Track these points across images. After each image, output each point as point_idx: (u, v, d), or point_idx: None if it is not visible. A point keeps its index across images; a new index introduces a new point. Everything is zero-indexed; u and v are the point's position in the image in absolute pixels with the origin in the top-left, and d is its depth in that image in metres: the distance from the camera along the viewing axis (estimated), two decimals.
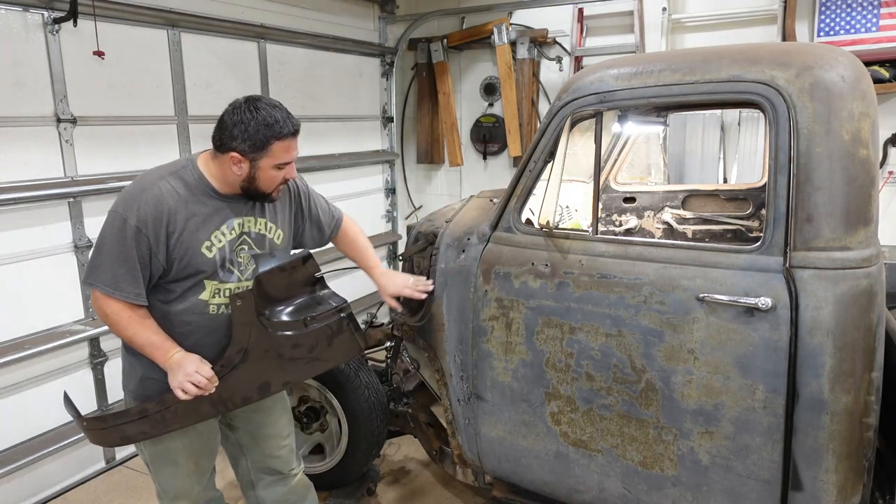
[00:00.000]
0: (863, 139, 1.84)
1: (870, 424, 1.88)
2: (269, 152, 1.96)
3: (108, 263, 1.92)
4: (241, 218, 2.08)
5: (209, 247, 2.00)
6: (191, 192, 1.99)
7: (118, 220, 1.91)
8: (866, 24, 4.05)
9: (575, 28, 4.94)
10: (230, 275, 2.06)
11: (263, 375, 2.10)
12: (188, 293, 2.02)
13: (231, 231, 2.05)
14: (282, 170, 2.02)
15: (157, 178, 1.98)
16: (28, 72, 3.04)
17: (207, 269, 2.01)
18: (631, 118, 3.00)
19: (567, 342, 2.26)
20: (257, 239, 2.13)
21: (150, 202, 1.92)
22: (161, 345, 1.97)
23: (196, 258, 1.98)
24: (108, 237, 1.93)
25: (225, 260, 2.04)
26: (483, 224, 2.52)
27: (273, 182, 2.03)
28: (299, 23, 4.65)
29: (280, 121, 1.95)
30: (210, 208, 2.02)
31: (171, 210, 1.94)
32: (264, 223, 2.15)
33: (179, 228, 1.95)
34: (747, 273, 1.95)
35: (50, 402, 3.23)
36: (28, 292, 3.12)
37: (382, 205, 5.91)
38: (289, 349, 2.10)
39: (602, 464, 2.29)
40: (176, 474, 2.21)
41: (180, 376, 1.93)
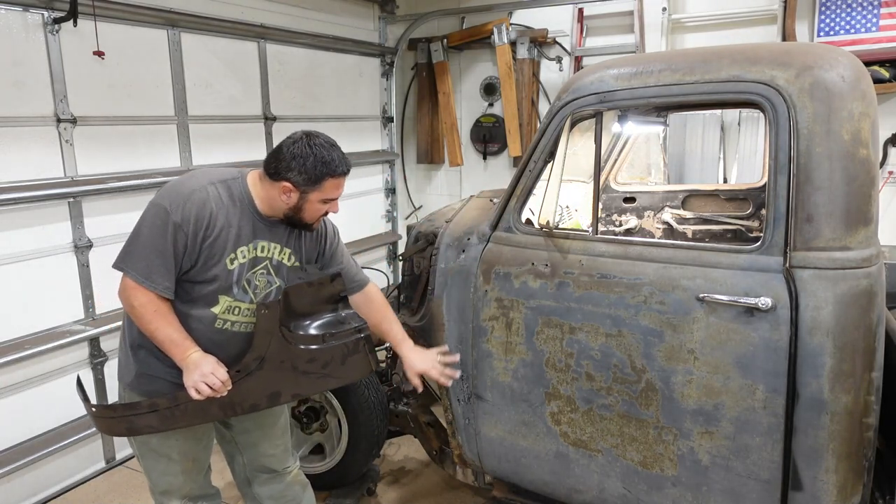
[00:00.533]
0: (863, 139, 1.84)
1: (870, 424, 1.88)
2: (321, 188, 2.03)
3: (144, 252, 1.94)
4: (270, 242, 2.13)
5: (232, 259, 2.05)
6: (234, 203, 2.05)
7: (162, 213, 1.94)
8: (866, 24, 4.05)
9: (575, 28, 4.94)
10: (244, 294, 2.09)
11: (275, 385, 2.13)
12: (202, 301, 2.05)
13: (255, 250, 2.09)
14: (327, 204, 2.09)
15: (207, 182, 2.03)
16: (28, 72, 3.04)
17: (223, 279, 2.04)
18: (631, 118, 3.00)
19: (567, 342, 2.26)
20: (278, 267, 2.16)
21: (196, 203, 1.97)
22: (181, 343, 1.99)
23: (217, 266, 2.02)
24: (149, 227, 1.96)
25: (241, 277, 2.07)
26: (483, 224, 2.52)
27: (317, 214, 2.10)
28: (299, 23, 4.66)
29: (336, 160, 2.02)
30: (246, 224, 2.07)
31: (213, 215, 1.99)
32: (288, 254, 2.18)
33: (214, 234, 2.00)
34: (747, 273, 1.95)
35: (50, 402, 3.24)
36: (28, 292, 3.12)
37: (382, 205, 5.91)
38: (304, 363, 2.13)
39: (602, 464, 2.28)
40: (168, 470, 2.21)
41: (196, 376, 1.95)
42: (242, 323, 2.12)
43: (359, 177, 5.51)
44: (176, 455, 2.20)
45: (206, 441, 2.29)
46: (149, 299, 1.96)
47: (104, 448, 3.51)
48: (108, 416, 2.18)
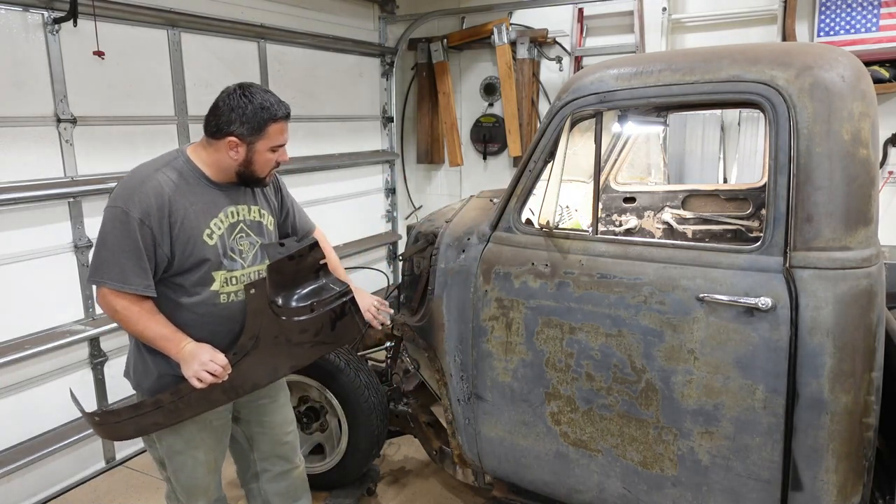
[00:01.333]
0: (863, 139, 1.84)
1: (870, 424, 1.88)
2: (266, 134, 2.02)
3: (114, 258, 1.93)
4: (236, 206, 2.13)
5: (210, 234, 2.04)
6: (186, 181, 2.03)
7: (120, 214, 1.92)
8: (866, 24, 4.05)
9: (575, 28, 4.94)
10: (234, 262, 2.10)
11: (273, 361, 2.15)
12: (198, 287, 2.05)
13: (227, 218, 2.09)
14: (276, 153, 2.08)
15: (153, 171, 2.01)
16: (28, 72, 3.04)
17: (211, 257, 2.04)
18: (631, 118, 3.00)
19: (567, 342, 2.26)
20: (253, 226, 2.18)
21: (150, 193, 1.94)
22: (172, 337, 1.99)
23: (199, 247, 2.01)
24: (111, 232, 1.94)
25: (226, 248, 2.08)
26: (483, 224, 2.52)
27: (267, 165, 2.09)
28: (299, 23, 4.66)
29: (275, 104, 2.02)
30: (206, 196, 2.06)
31: (171, 199, 1.97)
32: (258, 210, 2.20)
33: (180, 218, 1.98)
34: (747, 273, 1.95)
35: (50, 402, 3.23)
36: (28, 292, 3.12)
37: (382, 205, 5.91)
38: (296, 334, 2.15)
39: (602, 464, 2.29)
40: (196, 469, 2.22)
41: (195, 366, 1.95)
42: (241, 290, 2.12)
43: (359, 177, 5.51)
44: (202, 455, 2.21)
45: (225, 439, 2.32)
46: (129, 301, 1.96)
47: (104, 448, 3.51)
48: (114, 421, 2.18)
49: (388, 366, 3.22)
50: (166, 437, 2.17)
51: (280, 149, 2.09)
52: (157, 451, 2.25)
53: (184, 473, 2.22)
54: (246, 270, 2.13)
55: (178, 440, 2.17)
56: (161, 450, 2.22)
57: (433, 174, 5.96)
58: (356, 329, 2.30)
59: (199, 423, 2.17)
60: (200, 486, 2.25)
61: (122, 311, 1.97)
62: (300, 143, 4.59)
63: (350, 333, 2.30)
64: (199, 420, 2.16)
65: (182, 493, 2.26)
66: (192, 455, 2.19)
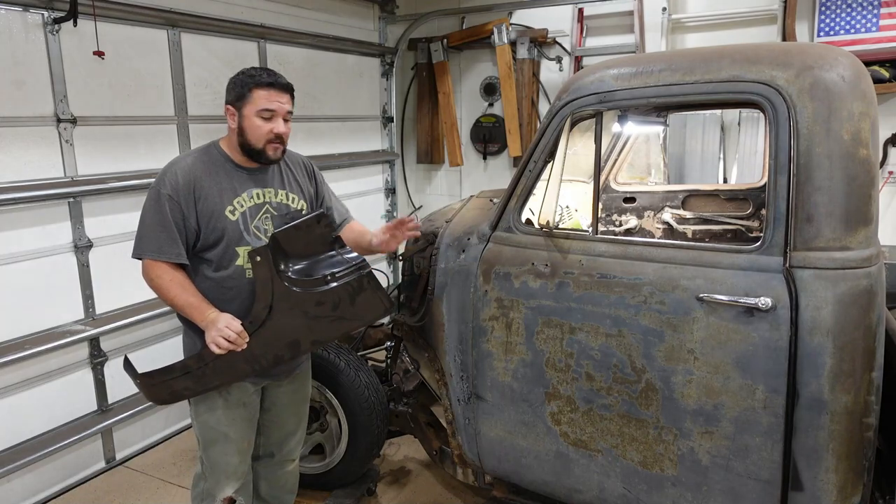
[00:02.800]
0: (863, 139, 1.84)
1: (870, 424, 1.88)
2: (250, 99, 2.15)
3: (150, 232, 2.14)
4: (262, 189, 2.27)
5: (232, 210, 2.19)
6: (214, 164, 2.22)
7: (153, 194, 2.15)
8: (866, 24, 4.05)
9: (575, 28, 4.94)
10: (258, 241, 2.22)
11: (292, 333, 2.21)
12: (225, 260, 2.19)
13: (251, 199, 2.24)
14: (267, 121, 2.16)
15: (186, 157, 2.25)
16: (28, 72, 3.04)
17: (233, 231, 2.18)
18: (631, 118, 3.00)
19: (567, 342, 2.26)
20: (280, 208, 2.30)
21: (179, 172, 2.16)
22: (198, 306, 2.15)
23: (220, 220, 2.17)
24: (147, 210, 2.16)
25: (249, 225, 2.22)
26: (483, 224, 2.52)
27: (259, 133, 2.17)
28: (299, 23, 4.65)
29: (261, 73, 2.18)
30: (232, 178, 2.23)
31: (198, 178, 2.17)
32: (285, 194, 2.32)
33: (205, 194, 2.16)
34: (747, 273, 1.95)
35: (50, 402, 3.23)
36: (28, 292, 3.12)
37: (382, 205, 5.91)
38: (312, 306, 2.19)
39: (602, 464, 2.28)
40: (226, 447, 2.31)
41: (213, 332, 2.10)
42: None
43: (359, 177, 5.51)
44: (233, 433, 2.31)
45: (255, 420, 2.41)
46: (163, 270, 2.14)
47: (104, 448, 3.51)
48: (150, 383, 2.26)
49: (388, 366, 3.22)
50: (202, 412, 2.30)
51: (273, 117, 2.17)
52: (195, 428, 2.35)
53: (214, 450, 2.32)
54: None
55: (212, 416, 2.29)
56: (196, 426, 2.34)
57: (433, 174, 5.96)
58: (379, 306, 2.29)
59: (232, 403, 2.28)
60: (230, 466, 2.33)
61: (157, 280, 2.14)
62: (300, 144, 4.59)
63: (373, 310, 2.30)
64: (231, 400, 2.28)
65: (210, 470, 2.35)
66: (223, 433, 2.30)
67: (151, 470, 3.51)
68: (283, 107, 2.19)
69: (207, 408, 2.29)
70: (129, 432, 3.64)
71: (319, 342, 2.30)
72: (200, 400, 2.29)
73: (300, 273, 2.19)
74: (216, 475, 2.34)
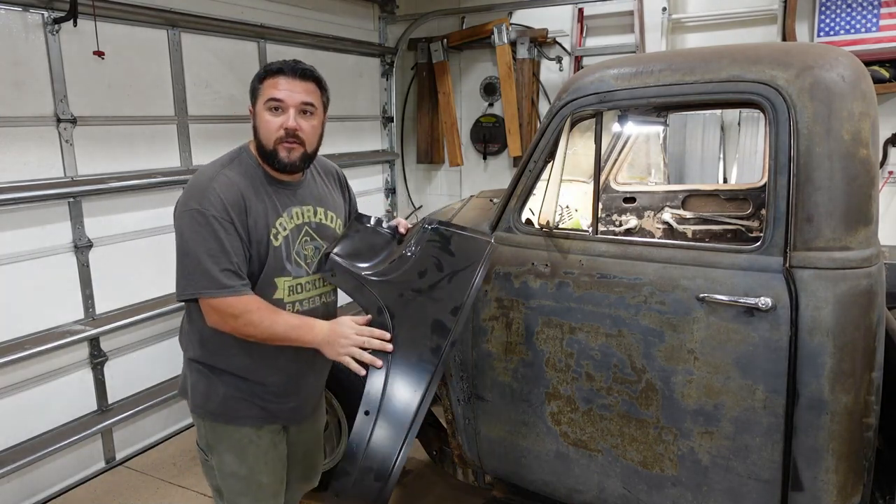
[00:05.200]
0: (863, 139, 1.84)
1: (870, 424, 1.88)
2: (260, 91, 1.87)
3: (206, 264, 1.75)
4: (300, 207, 1.97)
5: (276, 234, 1.89)
6: (251, 177, 1.89)
7: (197, 216, 1.76)
8: (866, 24, 4.05)
9: (575, 28, 4.94)
10: (299, 269, 1.94)
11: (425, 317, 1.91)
12: (262, 293, 1.87)
13: (291, 219, 1.93)
14: (276, 115, 1.85)
15: (219, 168, 1.89)
16: (28, 72, 3.04)
17: (274, 259, 1.87)
18: (631, 118, 3.00)
19: (567, 342, 2.26)
20: (319, 229, 2.01)
21: (224, 188, 1.81)
22: (301, 323, 1.84)
23: (266, 246, 1.86)
24: (191, 238, 1.77)
25: (290, 252, 1.92)
26: (483, 224, 2.52)
27: (269, 129, 1.85)
28: (299, 23, 4.65)
29: (275, 63, 1.89)
30: (270, 194, 1.91)
31: (244, 191, 1.84)
32: (323, 212, 2.03)
33: (254, 214, 1.85)
34: (747, 273, 1.95)
35: (50, 402, 3.23)
36: (28, 292, 3.12)
37: (382, 205, 5.91)
38: (417, 280, 1.93)
39: (602, 464, 2.28)
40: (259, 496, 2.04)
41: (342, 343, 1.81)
42: (312, 298, 1.98)
43: (359, 177, 5.51)
44: (267, 479, 2.04)
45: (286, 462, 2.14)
46: (243, 304, 1.78)
47: (104, 448, 3.51)
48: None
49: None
50: (229, 464, 2.00)
51: (282, 109, 1.84)
52: (215, 479, 2.08)
53: (244, 499, 2.03)
54: (311, 278, 1.97)
55: (242, 467, 1.99)
56: (219, 477, 2.05)
57: (433, 174, 5.96)
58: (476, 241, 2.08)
59: (264, 447, 2.01)
60: None
61: (243, 316, 1.77)
62: None
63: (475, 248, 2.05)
64: (263, 445, 2.00)
65: None
66: (256, 482, 2.02)
67: (151, 470, 3.51)
68: (295, 96, 1.84)
69: (236, 458, 1.99)
70: (129, 432, 3.64)
71: (459, 308, 1.91)
72: (225, 450, 1.99)
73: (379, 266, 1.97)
74: None
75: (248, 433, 1.98)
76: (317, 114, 1.93)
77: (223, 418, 1.98)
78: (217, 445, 2.01)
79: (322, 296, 2.02)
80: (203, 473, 2.18)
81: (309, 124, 1.90)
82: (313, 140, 1.94)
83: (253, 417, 1.98)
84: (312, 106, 1.90)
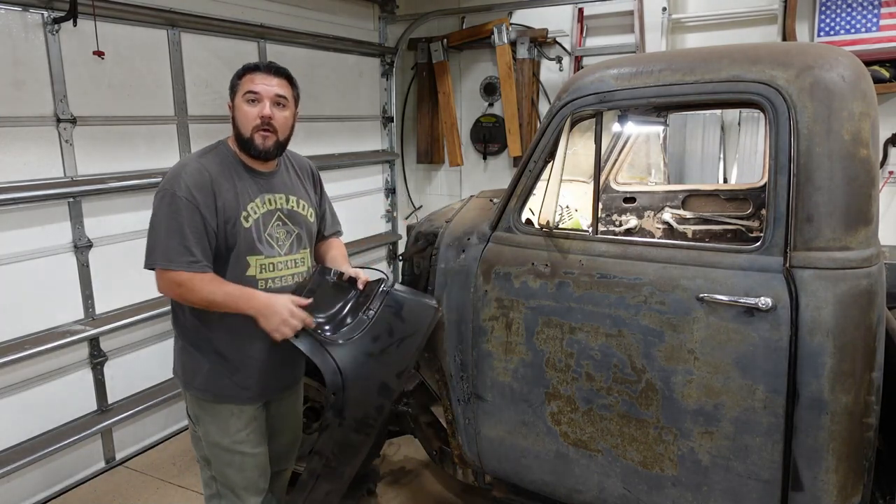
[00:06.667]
0: (863, 139, 1.84)
1: (870, 424, 1.88)
2: (239, 87, 2.10)
3: (163, 239, 1.98)
4: (272, 194, 2.17)
5: (246, 217, 2.08)
6: (225, 166, 2.10)
7: (167, 196, 1.99)
8: (866, 24, 4.05)
9: (575, 28, 4.94)
10: (271, 249, 2.14)
11: (374, 380, 2.18)
12: (236, 272, 2.08)
13: (263, 205, 2.14)
14: (253, 105, 2.07)
15: (195, 157, 2.13)
16: (28, 72, 3.04)
17: (245, 239, 2.07)
18: (631, 118, 3.00)
19: (567, 342, 2.26)
20: (291, 215, 2.21)
21: (193, 173, 2.02)
22: (241, 293, 2.02)
23: (237, 226, 2.06)
24: (158, 215, 2.01)
25: (261, 233, 2.11)
26: (483, 224, 2.52)
27: (247, 119, 2.07)
28: (299, 23, 4.65)
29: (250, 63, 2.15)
30: (244, 181, 2.12)
31: (214, 177, 2.04)
32: (296, 200, 2.24)
33: (223, 196, 2.04)
34: (747, 273, 1.95)
35: (50, 402, 3.24)
36: (28, 292, 3.12)
37: (382, 205, 5.91)
38: (371, 344, 2.16)
39: (602, 464, 2.28)
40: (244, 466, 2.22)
41: (275, 320, 2.01)
42: (284, 276, 2.18)
43: (359, 177, 5.51)
44: (250, 449, 2.22)
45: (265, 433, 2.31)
46: (188, 276, 1.98)
47: (104, 448, 3.52)
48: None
49: None
50: (213, 435, 2.19)
51: (258, 100, 2.07)
52: (202, 450, 2.26)
53: (230, 470, 2.22)
54: (283, 258, 2.18)
55: (225, 438, 2.18)
56: (207, 448, 2.23)
57: (433, 174, 5.96)
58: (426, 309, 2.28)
59: (245, 419, 2.19)
60: (249, 481, 2.25)
61: (180, 288, 2.00)
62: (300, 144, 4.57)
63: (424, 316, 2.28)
64: (244, 418, 2.19)
65: (228, 491, 2.25)
66: (239, 452, 2.20)
67: (151, 470, 3.51)
68: (270, 89, 2.08)
69: (219, 429, 2.19)
70: (129, 432, 3.64)
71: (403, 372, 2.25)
72: (210, 422, 2.19)
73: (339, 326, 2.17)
74: (236, 494, 2.24)
75: (230, 407, 2.17)
76: (289, 106, 2.15)
77: (208, 394, 2.16)
78: (203, 416, 2.20)
79: (294, 276, 2.22)
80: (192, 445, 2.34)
81: (282, 115, 2.12)
82: (285, 129, 2.15)
83: (233, 397, 2.16)
84: (285, 98, 2.12)
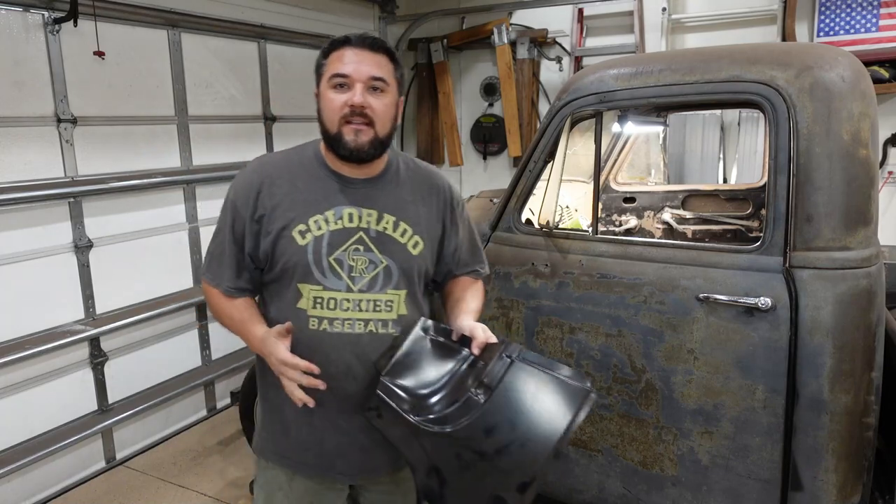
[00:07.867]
0: (863, 139, 1.85)
1: (869, 424, 1.88)
2: (325, 68, 1.56)
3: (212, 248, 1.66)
4: (358, 208, 1.59)
5: (303, 231, 1.56)
6: (300, 165, 1.63)
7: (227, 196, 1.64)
8: (866, 25, 4.05)
9: (575, 28, 4.94)
10: (337, 280, 1.56)
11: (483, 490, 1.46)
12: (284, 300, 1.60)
13: (338, 220, 1.58)
14: (341, 92, 1.53)
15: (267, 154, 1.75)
16: (28, 72, 3.04)
17: (296, 260, 1.55)
18: (631, 118, 3.00)
19: (567, 342, 2.26)
20: (379, 240, 1.60)
21: (250, 170, 1.63)
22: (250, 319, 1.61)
23: (284, 242, 1.56)
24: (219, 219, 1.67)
25: (322, 256, 1.56)
26: (483, 224, 2.52)
27: (333, 108, 1.54)
28: (299, 23, 4.65)
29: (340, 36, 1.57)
30: (319, 186, 1.60)
31: (271, 177, 1.60)
32: (393, 222, 1.62)
33: (274, 199, 1.57)
34: (747, 273, 1.95)
35: (50, 402, 3.23)
36: (28, 292, 3.12)
37: None
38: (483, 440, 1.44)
39: (602, 464, 2.29)
40: None
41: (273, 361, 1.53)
42: (351, 321, 1.56)
43: None
44: None
45: None
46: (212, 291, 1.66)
47: (104, 448, 3.51)
48: None
49: None
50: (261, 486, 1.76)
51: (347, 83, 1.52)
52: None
53: None
54: (355, 296, 1.56)
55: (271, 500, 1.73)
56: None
57: None
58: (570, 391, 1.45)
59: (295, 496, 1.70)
60: None
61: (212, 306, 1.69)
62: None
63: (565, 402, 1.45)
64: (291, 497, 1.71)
65: None
66: None
67: (151, 470, 3.51)
68: (363, 69, 1.51)
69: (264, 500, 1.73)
70: (129, 432, 3.64)
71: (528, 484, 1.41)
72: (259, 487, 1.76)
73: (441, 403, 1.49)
74: None
75: (279, 476, 1.71)
76: (389, 91, 1.56)
77: (257, 449, 1.77)
78: (258, 479, 1.79)
79: (369, 323, 1.58)
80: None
81: (380, 102, 1.54)
82: (386, 121, 1.57)
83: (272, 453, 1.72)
84: (383, 82, 1.54)
